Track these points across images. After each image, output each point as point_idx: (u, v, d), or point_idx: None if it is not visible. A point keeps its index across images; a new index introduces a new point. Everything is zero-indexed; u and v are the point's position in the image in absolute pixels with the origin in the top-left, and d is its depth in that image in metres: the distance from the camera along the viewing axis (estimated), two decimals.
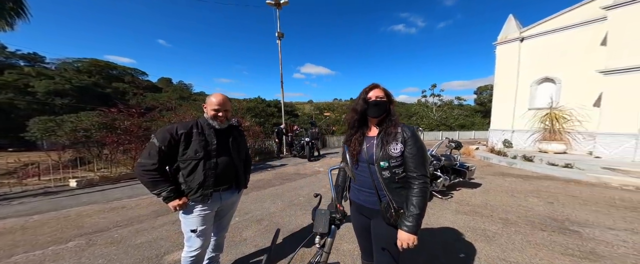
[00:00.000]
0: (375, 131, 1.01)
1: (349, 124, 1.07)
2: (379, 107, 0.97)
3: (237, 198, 1.36)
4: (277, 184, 4.13)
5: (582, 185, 3.58)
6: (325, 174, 5.10)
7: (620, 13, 4.79)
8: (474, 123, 22.36)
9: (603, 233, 1.99)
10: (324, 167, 6.00)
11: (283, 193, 3.54)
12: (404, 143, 0.92)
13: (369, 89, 1.01)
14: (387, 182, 0.91)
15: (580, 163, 4.31)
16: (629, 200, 2.83)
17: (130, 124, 4.84)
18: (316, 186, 4.04)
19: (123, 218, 2.54)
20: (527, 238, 1.96)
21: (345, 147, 1.02)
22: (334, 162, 6.90)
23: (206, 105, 1.20)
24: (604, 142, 4.86)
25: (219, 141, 1.18)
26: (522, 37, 6.91)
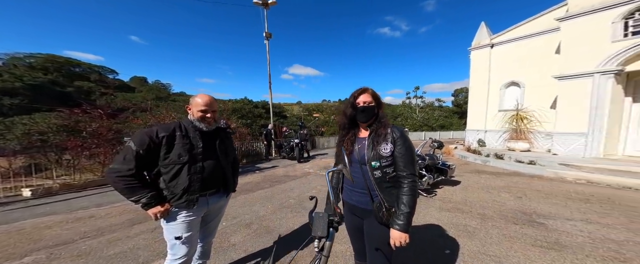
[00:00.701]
0: (365, 132, 1.03)
1: (339, 126, 1.10)
2: (366, 113, 0.99)
3: (225, 202, 1.32)
4: (267, 186, 4.03)
5: (544, 180, 4.02)
6: (316, 175, 5.08)
7: (571, 24, 5.50)
8: (452, 124, 24.03)
9: (563, 224, 2.23)
10: (314, 168, 5.97)
11: (273, 196, 3.47)
12: (393, 143, 0.95)
13: (357, 93, 1.02)
14: (379, 181, 0.93)
15: (541, 160, 4.84)
16: (582, 193, 3.23)
17: (98, 127, 4.40)
18: (307, 187, 3.99)
19: (91, 228, 2.29)
20: (502, 231, 2.13)
21: (342, 149, 1.04)
22: (324, 163, 6.92)
23: (191, 106, 1.14)
24: (559, 141, 5.52)
25: (206, 143, 1.13)
26: (492, 44, 7.61)
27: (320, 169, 5.98)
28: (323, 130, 17.10)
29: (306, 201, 3.28)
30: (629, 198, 2.97)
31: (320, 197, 1.08)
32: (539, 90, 6.36)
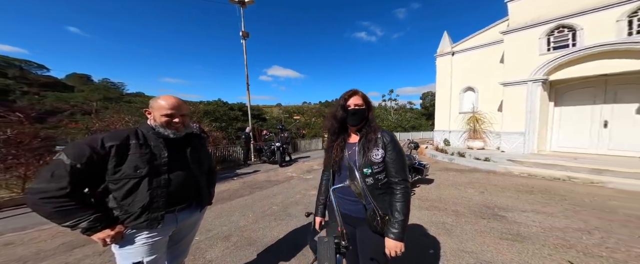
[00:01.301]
0: (355, 137, 1.01)
1: (329, 131, 1.05)
2: (357, 116, 0.96)
3: (199, 216, 1.16)
4: (246, 193, 3.75)
5: (497, 175, 4.65)
6: (299, 179, 4.91)
7: (511, 38, 6.53)
8: (421, 124, 26.57)
9: (519, 215, 2.56)
10: (297, 172, 5.79)
11: (254, 203, 3.23)
12: (384, 149, 0.93)
13: (348, 96, 0.99)
14: (371, 188, 0.91)
15: (493, 157, 5.64)
16: (526, 185, 3.81)
17: (17, 133, 3.57)
18: (290, 192, 3.82)
19: (10, 259, 1.83)
20: (474, 226, 2.33)
21: (331, 155, 0.99)
22: (307, 166, 6.76)
23: (152, 110, 0.98)
24: (506, 140, 6.53)
25: (173, 152, 0.98)
26: (453, 52, 8.57)
27: (303, 172, 5.82)
28: (304, 132, 16.91)
29: (291, 206, 3.13)
30: (559, 187, 3.64)
31: (305, 202, 0.96)
32: (490, 94, 7.41)
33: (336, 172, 1.03)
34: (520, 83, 6.20)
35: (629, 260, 1.64)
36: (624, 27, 4.88)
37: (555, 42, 5.85)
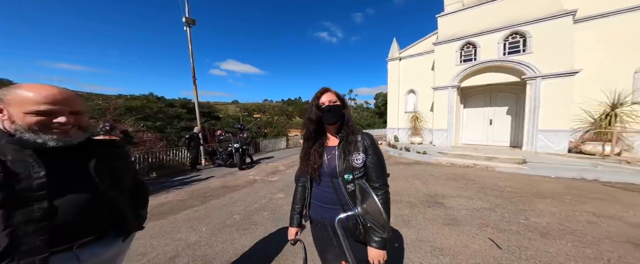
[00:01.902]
0: (335, 140, 0.95)
1: (305, 135, 0.98)
2: (333, 112, 0.91)
3: (121, 248, 0.87)
4: (197, 204, 3.21)
5: (432, 166, 5.74)
6: (264, 182, 4.54)
7: (439, 48, 8.08)
8: (375, 123, 29.65)
9: (451, 201, 3.17)
10: (260, 175, 5.31)
11: (208, 214, 2.80)
12: (365, 152, 0.90)
13: (320, 94, 0.94)
14: (352, 195, 0.87)
15: (429, 150, 6.96)
16: (452, 173, 4.85)
17: None
18: (254, 198, 3.49)
19: None
20: (425, 216, 2.71)
21: (309, 162, 0.93)
22: (271, 168, 6.31)
23: (7, 105, 0.66)
24: (436, 135, 8.19)
25: (60, 168, 0.70)
26: (400, 57, 9.87)
27: (267, 174, 5.39)
28: (266, 131, 15.77)
29: (256, 213, 2.85)
30: (470, 173, 4.86)
31: (272, 207, 0.86)
32: (425, 97, 9.03)
33: (315, 181, 0.95)
34: (444, 88, 7.84)
35: (521, 231, 2.30)
36: (501, 48, 6.89)
37: (464, 56, 7.64)
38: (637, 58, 5.37)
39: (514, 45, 6.63)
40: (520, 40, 6.51)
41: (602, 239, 2.03)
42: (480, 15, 7.23)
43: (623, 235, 2.09)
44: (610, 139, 5.04)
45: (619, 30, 5.58)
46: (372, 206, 0.62)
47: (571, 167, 4.45)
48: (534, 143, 6.06)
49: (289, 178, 5.01)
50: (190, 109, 15.95)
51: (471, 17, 7.41)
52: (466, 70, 7.36)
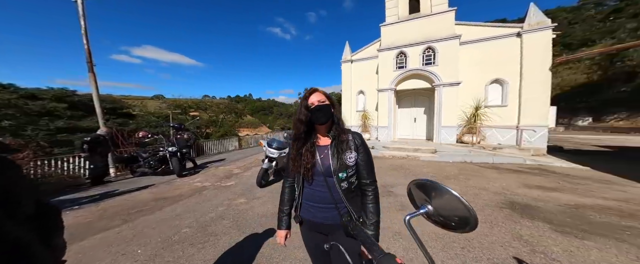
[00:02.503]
0: (326, 139, 0.97)
1: (295, 136, 0.99)
2: (323, 112, 0.92)
3: None
4: (118, 223, 2.61)
5: (380, 159, 6.76)
6: (217, 189, 4.01)
7: (382, 54, 9.35)
8: None
9: (397, 189, 3.85)
10: (210, 180, 4.63)
11: (141, 233, 2.35)
12: (356, 151, 0.93)
13: (308, 94, 0.96)
14: (346, 193, 0.90)
15: (376, 145, 8.13)
16: (393, 164, 5.94)
17: None
18: (206, 207, 3.09)
19: None
20: (382, 205, 3.36)
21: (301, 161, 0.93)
22: (224, 172, 5.54)
23: None
24: (380, 132, 9.67)
25: None
26: (352, 60, 10.66)
27: (219, 179, 4.73)
28: (209, 131, 13.25)
29: (212, 224, 2.55)
30: (406, 163, 6.14)
31: (232, 214, 0.86)
32: (372, 97, 10.34)
33: (308, 181, 0.94)
34: (385, 90, 9.28)
35: None
36: (421, 59, 8.81)
37: (399, 63, 9.24)
38: (487, 75, 8.08)
39: (429, 58, 8.61)
40: (432, 54, 8.50)
41: (484, 207, 3.15)
42: (408, 29, 8.83)
43: (492, 201, 3.28)
44: (475, 132, 7.74)
45: (479, 54, 8.11)
46: (450, 202, 0.57)
47: (458, 153, 6.54)
48: (439, 136, 8.36)
49: (249, 181, 4.60)
50: (73, 103, 11.10)
51: (403, 30, 8.93)
52: (400, 75, 8.97)
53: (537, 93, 7.06)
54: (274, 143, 4.51)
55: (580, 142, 10.76)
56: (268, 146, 4.45)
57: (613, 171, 4.74)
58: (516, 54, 7.39)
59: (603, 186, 3.85)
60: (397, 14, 9.11)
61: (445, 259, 1.93)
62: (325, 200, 0.91)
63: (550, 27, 6.87)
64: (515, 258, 1.83)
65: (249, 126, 46.91)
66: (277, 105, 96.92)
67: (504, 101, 7.71)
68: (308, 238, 1.01)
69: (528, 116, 7.21)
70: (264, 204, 3.32)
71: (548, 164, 5.54)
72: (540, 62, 6.97)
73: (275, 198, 3.63)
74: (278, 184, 4.45)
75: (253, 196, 3.75)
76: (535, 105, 7.10)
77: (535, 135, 7.04)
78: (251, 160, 7.81)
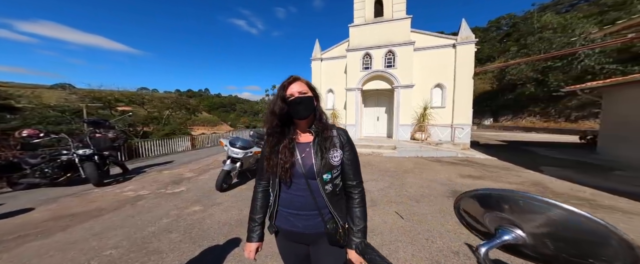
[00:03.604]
0: (307, 136, 0.85)
1: (268, 131, 0.87)
2: (304, 105, 0.80)
3: None
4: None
5: None
6: (159, 197, 3.41)
7: (350, 55, 9.64)
8: None
9: (366, 185, 4.06)
10: (150, 187, 3.92)
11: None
12: (342, 148, 0.84)
13: (287, 83, 0.83)
14: (330, 196, 0.81)
15: None
16: (362, 161, 6.39)
17: None
18: (145, 220, 2.61)
19: None
20: None
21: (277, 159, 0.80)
22: (169, 176, 4.64)
23: None
24: (348, 130, 9.85)
25: None
26: (322, 58, 10.51)
27: (164, 186, 4.03)
28: (148, 130, 10.69)
29: (154, 239, 2.17)
30: (372, 159, 6.64)
31: (184, 226, 0.76)
32: (341, 96, 10.57)
33: (285, 183, 0.82)
34: (353, 90, 9.67)
35: (407, 201, 3.48)
36: (384, 61, 9.59)
37: (365, 64, 9.76)
38: (432, 80, 9.37)
39: (390, 61, 9.44)
40: (392, 57, 9.36)
41: (438, 197, 3.71)
42: (373, 32, 9.37)
43: (442, 191, 3.89)
44: (424, 130, 9.12)
45: (427, 60, 9.34)
46: (565, 224, 0.35)
47: (412, 149, 7.56)
48: (397, 134, 9.44)
49: (206, 186, 4.05)
50: None
51: (369, 32, 9.41)
52: (365, 76, 9.50)
53: (465, 97, 8.81)
54: (237, 142, 4.12)
55: (487, 138, 14.24)
56: (231, 146, 4.04)
57: (509, 160, 6.47)
58: (451, 62, 8.94)
59: (506, 172, 5.19)
60: (364, 16, 9.48)
61: (415, 253, 2.14)
62: (306, 206, 0.81)
63: (473, 42, 8.57)
64: (467, 244, 2.22)
65: (205, 124, 41.31)
66: (240, 102, 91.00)
67: (443, 103, 9.29)
68: (286, 249, 0.90)
69: (459, 116, 8.95)
70: (227, 211, 2.97)
71: (472, 156, 7.08)
72: (467, 70, 8.67)
73: (241, 203, 3.29)
74: (244, 187, 4.07)
75: (212, 202, 3.31)
76: (463, 107, 8.87)
77: (463, 132, 8.85)
78: (209, 161, 6.86)
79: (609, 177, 4.46)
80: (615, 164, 5.44)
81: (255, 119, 25.46)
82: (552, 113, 18.99)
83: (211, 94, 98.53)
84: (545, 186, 4.09)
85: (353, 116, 9.90)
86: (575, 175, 4.65)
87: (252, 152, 4.24)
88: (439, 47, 9.12)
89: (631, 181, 4.19)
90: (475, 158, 6.90)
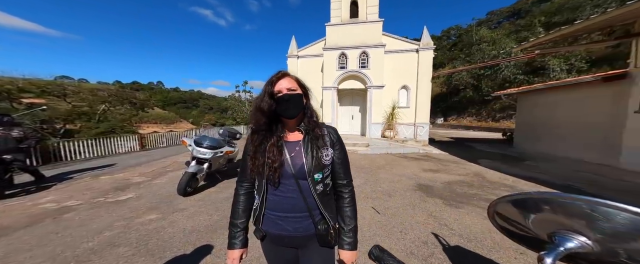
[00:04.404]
0: (296, 134, 0.83)
1: (253, 128, 0.84)
2: (292, 102, 0.77)
3: None
4: None
5: None
6: (101, 206, 2.95)
7: (327, 53, 9.68)
8: None
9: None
10: (79, 197, 3.29)
11: None
12: (332, 147, 0.83)
13: (275, 79, 0.80)
14: (321, 197, 0.79)
15: None
16: None
17: None
18: (75, 235, 2.23)
19: None
20: None
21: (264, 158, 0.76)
22: (110, 182, 3.91)
23: None
24: None
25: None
26: (298, 55, 10.18)
27: (103, 193, 3.46)
28: (72, 128, 8.61)
29: (97, 256, 1.91)
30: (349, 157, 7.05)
31: (134, 237, 0.77)
32: (317, 94, 10.47)
33: (272, 185, 0.78)
34: (329, 89, 9.80)
35: (381, 196, 4.01)
36: (358, 62, 10.02)
37: (340, 64, 9.99)
38: (399, 81, 10.24)
39: (364, 61, 9.92)
40: (366, 58, 9.85)
41: (406, 190, 4.22)
42: (348, 32, 9.62)
43: (410, 185, 4.41)
44: (392, 128, 10.03)
45: (395, 63, 10.15)
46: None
47: (383, 146, 8.25)
48: (370, 132, 10.09)
49: (163, 191, 3.64)
50: None
51: (344, 32, 9.61)
52: (341, 75, 9.74)
53: (425, 98, 10.01)
54: (205, 141, 3.79)
55: (440, 135, 16.63)
56: (196, 145, 3.70)
57: (457, 154, 7.76)
58: (415, 66, 9.99)
59: (456, 165, 6.22)
60: (340, 16, 9.59)
61: (392, 245, 2.36)
62: (297, 208, 0.78)
63: (432, 48, 9.76)
64: (433, 234, 2.60)
65: (158, 121, 36.70)
66: (205, 97, 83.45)
67: (408, 103, 10.36)
68: (273, 254, 0.86)
69: (420, 116, 10.15)
70: (193, 217, 2.72)
71: (431, 152, 8.19)
72: (427, 74, 9.85)
73: (211, 207, 3.04)
74: (213, 190, 3.76)
75: (173, 208, 2.99)
76: (424, 107, 10.09)
77: (423, 130, 10.10)
78: (166, 163, 6.03)
79: (522, 166, 5.85)
80: (526, 156, 7.16)
81: (223, 116, 23.22)
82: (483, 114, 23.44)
83: (166, 88, 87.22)
84: (483, 176, 5.08)
85: (329, 115, 10.10)
86: (502, 166, 5.92)
87: (222, 152, 3.92)
88: (405, 51, 10.02)
89: (535, 168, 5.60)
90: (433, 154, 8.01)
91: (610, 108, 5.32)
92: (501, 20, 42.02)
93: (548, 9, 27.75)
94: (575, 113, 6.24)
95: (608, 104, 5.37)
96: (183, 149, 8.11)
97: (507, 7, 42.67)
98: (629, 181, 4.31)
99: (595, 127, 5.61)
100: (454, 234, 2.51)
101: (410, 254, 2.20)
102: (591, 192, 3.87)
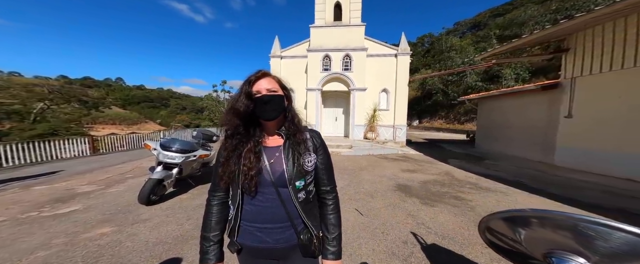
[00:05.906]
0: (276, 139, 0.78)
1: (227, 132, 0.77)
2: (273, 104, 0.72)
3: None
4: None
5: None
6: (31, 222, 2.51)
7: (311, 55, 9.67)
8: None
9: None
10: (3, 212, 2.76)
11: None
12: (315, 152, 0.79)
13: (254, 78, 0.74)
14: (303, 205, 0.74)
15: None
16: None
17: None
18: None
19: None
20: None
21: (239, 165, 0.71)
22: (45, 194, 3.32)
23: None
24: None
25: None
26: (281, 56, 9.93)
27: (38, 206, 3.01)
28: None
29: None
30: (332, 159, 7.15)
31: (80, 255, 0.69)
32: (301, 95, 10.42)
33: (249, 193, 0.72)
34: (313, 90, 9.81)
35: (364, 198, 4.16)
36: (342, 64, 10.23)
37: (324, 65, 10.08)
38: (380, 84, 10.68)
39: (347, 64, 10.16)
40: (349, 61, 10.11)
41: (386, 191, 4.46)
42: (332, 35, 9.76)
43: (390, 185, 4.69)
44: (374, 130, 10.48)
45: (377, 66, 10.61)
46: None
47: (366, 148, 8.57)
48: (353, 134, 10.37)
49: (121, 200, 3.29)
50: None
51: (328, 34, 9.72)
52: (325, 77, 9.83)
53: (403, 101, 10.67)
54: (174, 144, 3.49)
55: (416, 137, 17.87)
56: (163, 149, 3.38)
57: (430, 155, 8.45)
58: (394, 70, 10.57)
59: (429, 165, 6.77)
60: (325, 18, 9.67)
61: (375, 247, 2.45)
62: (277, 218, 0.72)
63: (409, 54, 10.45)
64: (412, 233, 2.78)
65: (117, 121, 32.59)
66: (177, 97, 77.32)
67: (388, 105, 10.91)
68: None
69: (398, 118, 10.78)
70: (159, 227, 2.48)
71: (408, 153, 8.77)
72: (405, 78, 10.51)
73: (182, 215, 2.82)
74: (185, 197, 3.49)
75: (133, 219, 2.68)
76: (402, 109, 10.74)
77: (401, 132, 10.75)
78: (126, 168, 5.42)
79: (482, 165, 6.63)
80: (486, 155, 8.12)
81: (198, 117, 21.47)
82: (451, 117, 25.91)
83: (128, 85, 78.51)
84: (452, 175, 5.63)
85: (313, 116, 10.11)
86: (467, 165, 6.64)
87: (195, 155, 3.63)
88: (385, 55, 10.54)
89: (494, 167, 6.40)
90: (410, 154, 8.59)
91: (547, 113, 6.34)
92: (465, 30, 46.92)
93: (501, 23, 32.00)
94: (521, 117, 7.28)
95: (545, 109, 6.40)
96: (147, 153, 7.32)
97: (470, 19, 47.89)
98: (560, 176, 5.21)
99: (537, 130, 6.63)
100: (430, 232, 2.73)
101: (392, 254, 2.31)
102: (534, 187, 4.20)
